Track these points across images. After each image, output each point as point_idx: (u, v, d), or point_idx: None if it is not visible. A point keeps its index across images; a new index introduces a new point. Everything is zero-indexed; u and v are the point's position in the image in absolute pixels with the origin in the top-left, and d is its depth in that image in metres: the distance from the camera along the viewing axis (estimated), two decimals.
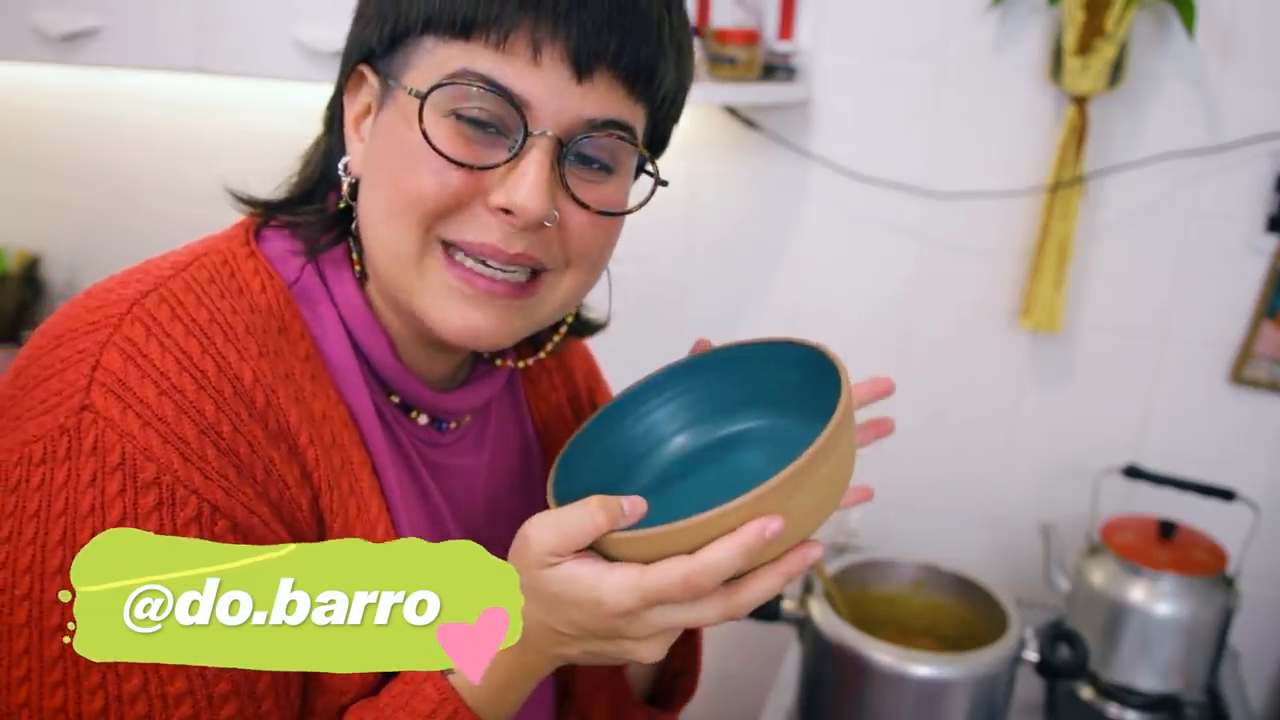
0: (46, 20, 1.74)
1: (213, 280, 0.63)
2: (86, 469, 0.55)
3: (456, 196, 0.61)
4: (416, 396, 0.71)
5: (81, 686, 0.55)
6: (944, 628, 1.38)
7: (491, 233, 0.62)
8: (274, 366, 0.61)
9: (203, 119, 2.07)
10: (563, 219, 0.63)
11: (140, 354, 0.58)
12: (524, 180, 0.60)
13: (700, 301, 1.84)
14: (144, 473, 0.55)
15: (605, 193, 0.65)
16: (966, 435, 1.73)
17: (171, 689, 0.56)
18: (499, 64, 0.60)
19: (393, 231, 0.63)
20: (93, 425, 0.55)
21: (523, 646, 0.62)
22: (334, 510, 0.63)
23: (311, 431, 0.62)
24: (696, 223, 1.80)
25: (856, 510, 1.76)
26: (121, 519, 0.55)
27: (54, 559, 0.54)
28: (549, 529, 0.60)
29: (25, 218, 2.31)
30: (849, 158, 1.67)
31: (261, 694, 0.59)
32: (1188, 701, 1.44)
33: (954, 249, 1.66)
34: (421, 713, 0.62)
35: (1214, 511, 1.49)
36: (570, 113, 0.61)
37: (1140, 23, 1.48)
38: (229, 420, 0.58)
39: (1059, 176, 1.53)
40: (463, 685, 0.63)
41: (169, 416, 0.56)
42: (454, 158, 0.60)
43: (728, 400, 0.73)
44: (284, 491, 0.60)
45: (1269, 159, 1.49)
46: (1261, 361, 1.55)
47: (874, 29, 1.62)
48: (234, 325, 0.61)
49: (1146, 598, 1.39)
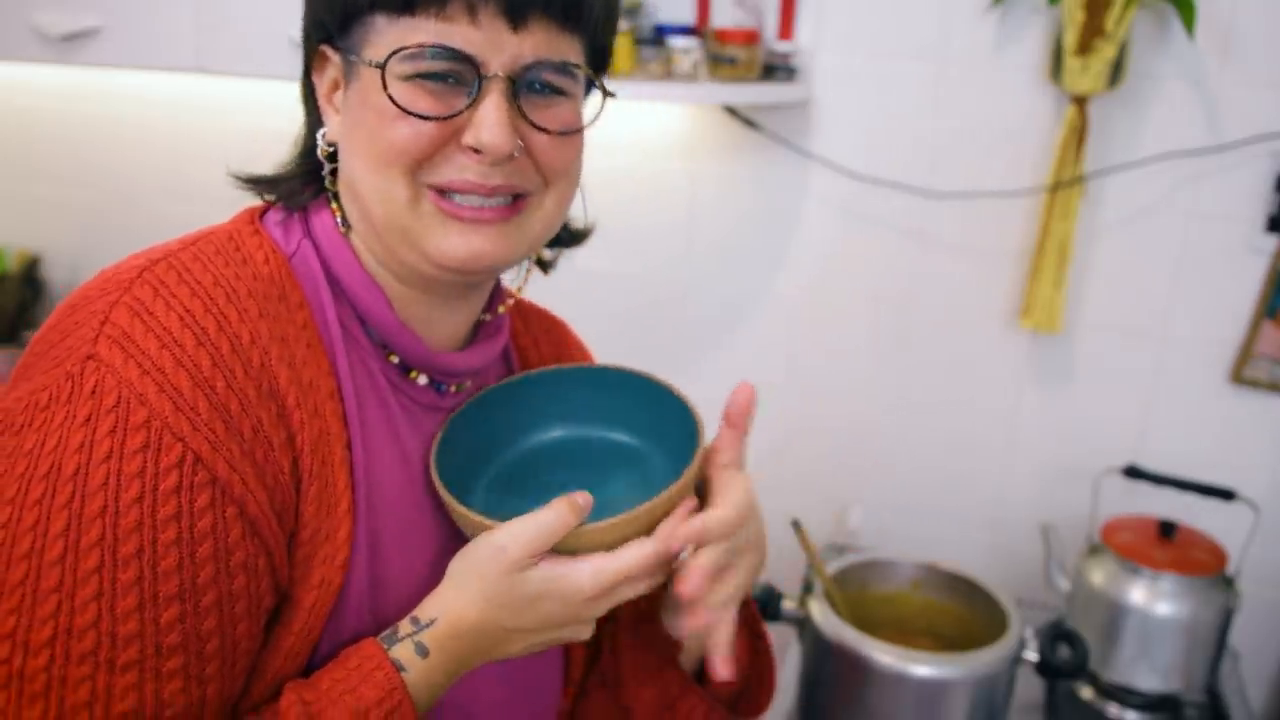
0: (46, 20, 1.74)
1: (219, 252, 0.67)
2: (83, 409, 0.58)
3: (433, 143, 0.67)
4: (414, 353, 0.74)
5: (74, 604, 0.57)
6: (944, 628, 1.38)
7: (469, 171, 0.68)
8: (271, 329, 0.65)
9: (203, 119, 2.08)
10: (529, 146, 0.69)
11: (146, 311, 0.61)
12: (486, 120, 0.66)
13: (700, 301, 1.84)
14: (135, 416, 0.58)
15: (560, 114, 0.70)
16: (966, 435, 1.73)
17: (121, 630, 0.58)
18: (444, 29, 0.65)
19: (382, 182, 0.68)
20: (94, 371, 0.59)
21: (470, 646, 0.68)
22: (310, 475, 0.65)
23: (299, 395, 0.65)
24: (696, 223, 1.80)
25: (856, 510, 1.77)
26: (107, 456, 0.58)
27: (36, 490, 0.58)
28: (526, 531, 0.66)
29: (25, 218, 2.31)
30: (849, 158, 1.67)
31: (208, 656, 0.61)
32: (1188, 701, 1.44)
33: (954, 249, 1.66)
34: (369, 699, 0.63)
35: (1214, 511, 1.49)
36: (514, 56, 0.67)
37: (1140, 23, 1.48)
38: (223, 377, 0.61)
39: (1059, 176, 1.53)
40: (411, 681, 0.65)
41: (167, 367, 0.60)
42: (421, 113, 0.66)
43: (607, 413, 0.82)
44: (269, 454, 0.63)
45: (1269, 159, 1.49)
46: (1261, 361, 1.55)
47: (874, 29, 1.62)
48: (236, 289, 0.65)
49: (1146, 598, 1.39)
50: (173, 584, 0.58)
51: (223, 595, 0.60)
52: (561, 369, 0.84)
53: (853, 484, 1.81)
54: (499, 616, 0.67)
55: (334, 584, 0.66)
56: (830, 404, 1.80)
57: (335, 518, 0.66)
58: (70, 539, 0.57)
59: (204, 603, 0.59)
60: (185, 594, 0.59)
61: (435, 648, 0.66)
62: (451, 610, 0.67)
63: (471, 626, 0.67)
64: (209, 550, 0.59)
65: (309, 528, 0.65)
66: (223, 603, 0.60)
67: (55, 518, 0.57)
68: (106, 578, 0.57)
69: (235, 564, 0.61)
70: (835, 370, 1.79)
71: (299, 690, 0.63)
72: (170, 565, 0.58)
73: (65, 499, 0.57)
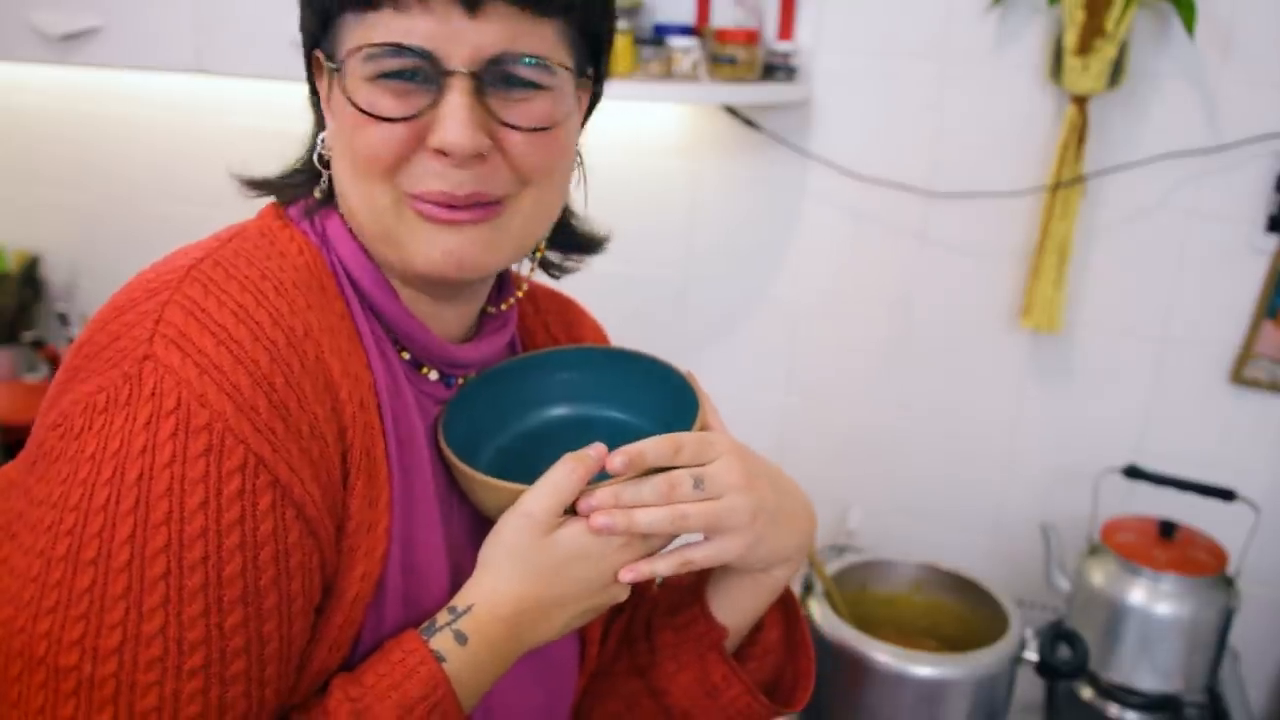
0: (46, 20, 1.74)
1: (257, 247, 0.66)
2: (144, 412, 0.58)
3: (405, 144, 0.65)
4: (426, 347, 0.74)
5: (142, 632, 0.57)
6: (944, 628, 1.38)
7: (439, 178, 0.65)
8: (320, 320, 0.65)
9: (203, 119, 2.07)
10: (502, 145, 0.66)
11: (199, 309, 0.61)
12: (446, 120, 0.63)
13: (700, 301, 1.84)
14: (197, 418, 0.58)
15: (535, 110, 0.66)
16: (966, 435, 1.73)
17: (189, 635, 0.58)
18: (400, 23, 0.63)
19: (364, 189, 0.67)
20: (153, 372, 0.58)
21: (511, 631, 0.67)
22: (359, 470, 0.65)
23: (350, 388, 0.65)
24: (696, 222, 1.80)
25: (856, 511, 1.77)
26: (170, 461, 0.57)
27: (100, 495, 0.57)
28: (545, 493, 0.66)
29: (25, 218, 2.31)
30: (849, 158, 1.67)
31: (267, 658, 0.61)
32: (1188, 701, 1.44)
33: (954, 249, 1.66)
34: (413, 695, 0.63)
35: (1214, 511, 1.49)
36: (475, 47, 0.63)
37: (1140, 23, 1.48)
38: (282, 372, 0.61)
39: (1059, 176, 1.53)
40: (452, 672, 0.65)
41: (225, 366, 0.59)
42: (382, 114, 0.64)
43: (610, 392, 0.83)
44: (324, 450, 0.62)
45: (1269, 159, 1.49)
46: (1261, 361, 1.55)
47: (874, 29, 1.62)
48: (283, 281, 0.64)
49: (1146, 598, 1.39)
50: (237, 589, 0.58)
51: (283, 597, 0.60)
52: (563, 349, 0.84)
53: (853, 485, 1.81)
54: (534, 588, 0.67)
55: (374, 576, 0.66)
56: (830, 404, 1.80)
57: (377, 510, 0.66)
58: (136, 545, 0.57)
59: (265, 606, 0.60)
60: (249, 598, 0.59)
61: (475, 634, 0.66)
62: (489, 593, 0.67)
63: (510, 605, 0.67)
64: (270, 554, 0.59)
65: (354, 520, 0.65)
66: (282, 605, 0.60)
67: (121, 524, 0.57)
68: (173, 584, 0.57)
69: (294, 566, 0.61)
70: (835, 370, 1.79)
71: (345, 687, 0.63)
72: (234, 570, 0.58)
73: (130, 505, 0.57)
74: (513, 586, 0.67)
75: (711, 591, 0.82)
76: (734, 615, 0.82)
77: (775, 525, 0.74)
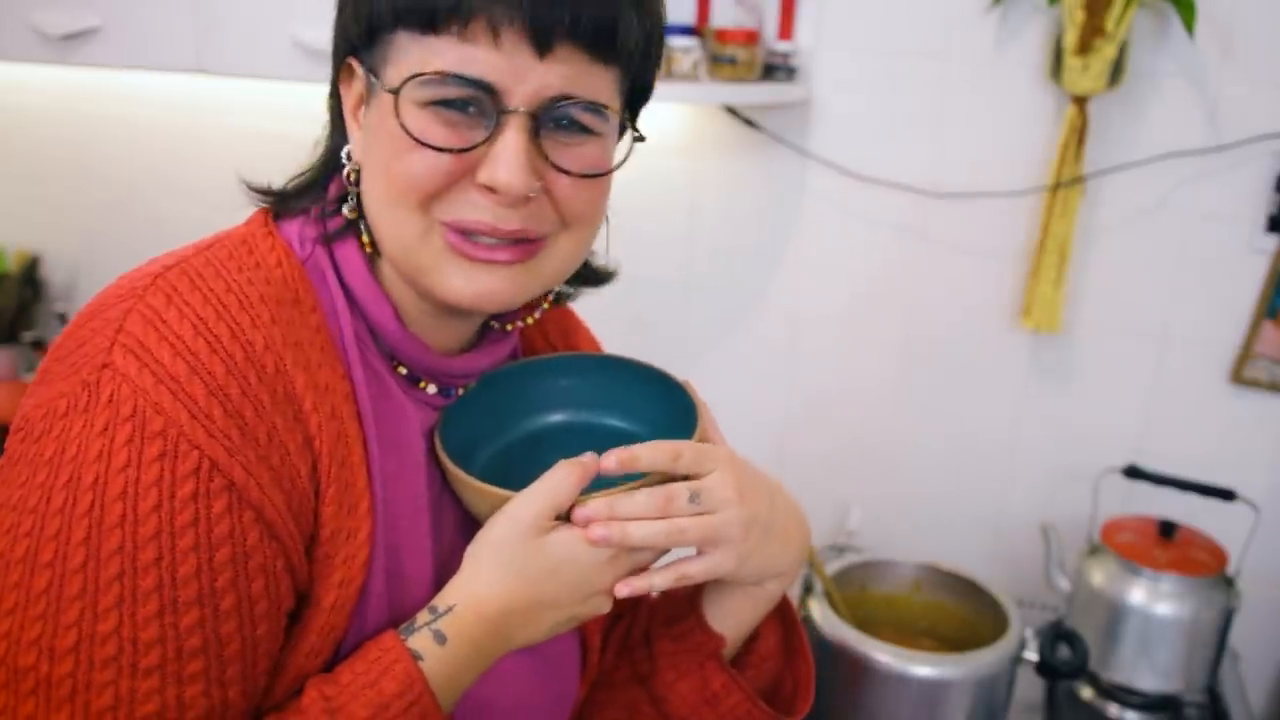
0: (46, 20, 1.74)
1: (231, 256, 0.67)
2: (100, 418, 0.59)
3: (449, 176, 0.65)
4: (422, 363, 0.74)
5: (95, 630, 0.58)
6: (944, 628, 1.38)
7: (483, 211, 0.65)
8: (285, 334, 0.64)
9: (203, 119, 2.08)
10: (549, 186, 0.66)
11: (160, 319, 0.61)
12: (501, 158, 0.63)
13: (700, 301, 1.84)
14: (152, 424, 0.59)
15: (586, 155, 0.67)
16: (966, 435, 1.73)
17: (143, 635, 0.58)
18: (465, 52, 0.62)
19: (395, 216, 0.67)
20: (110, 380, 0.59)
21: (495, 631, 0.67)
22: (329, 478, 0.65)
23: (315, 399, 0.65)
24: (696, 223, 1.80)
25: (856, 510, 1.77)
26: (125, 465, 0.58)
27: (58, 499, 0.58)
28: (537, 496, 0.66)
29: (25, 218, 2.32)
30: (849, 158, 1.67)
31: (228, 659, 0.61)
32: (1188, 701, 1.44)
33: (954, 249, 1.66)
34: (388, 693, 0.63)
35: (1214, 511, 1.49)
36: (538, 87, 0.63)
37: (1140, 22, 1.48)
38: (238, 383, 0.61)
39: (1059, 176, 1.53)
40: (430, 671, 0.65)
41: (181, 376, 0.60)
42: (435, 144, 0.64)
43: (609, 400, 0.83)
44: (285, 458, 0.63)
45: (1269, 159, 1.49)
46: (1261, 361, 1.55)
47: (874, 29, 1.62)
48: (249, 294, 0.64)
49: (1146, 598, 1.39)
50: (192, 589, 0.59)
51: (242, 598, 0.61)
52: (563, 355, 0.85)
53: (853, 485, 1.81)
54: (521, 591, 0.67)
55: (355, 583, 0.66)
56: (830, 403, 1.80)
57: (356, 518, 0.66)
58: (91, 547, 0.57)
59: (223, 606, 0.60)
60: (204, 599, 0.59)
61: (454, 634, 0.66)
62: (472, 593, 0.67)
63: (494, 607, 0.66)
64: (227, 555, 0.60)
65: (329, 527, 0.65)
66: (242, 606, 0.61)
67: (76, 526, 0.57)
68: (128, 585, 0.57)
69: (254, 567, 0.61)
70: (835, 370, 1.79)
71: (320, 686, 0.64)
72: (189, 571, 0.59)
73: (85, 507, 0.58)
74: (496, 589, 0.67)
75: (707, 602, 0.83)
76: (730, 625, 0.82)
77: (768, 540, 0.74)
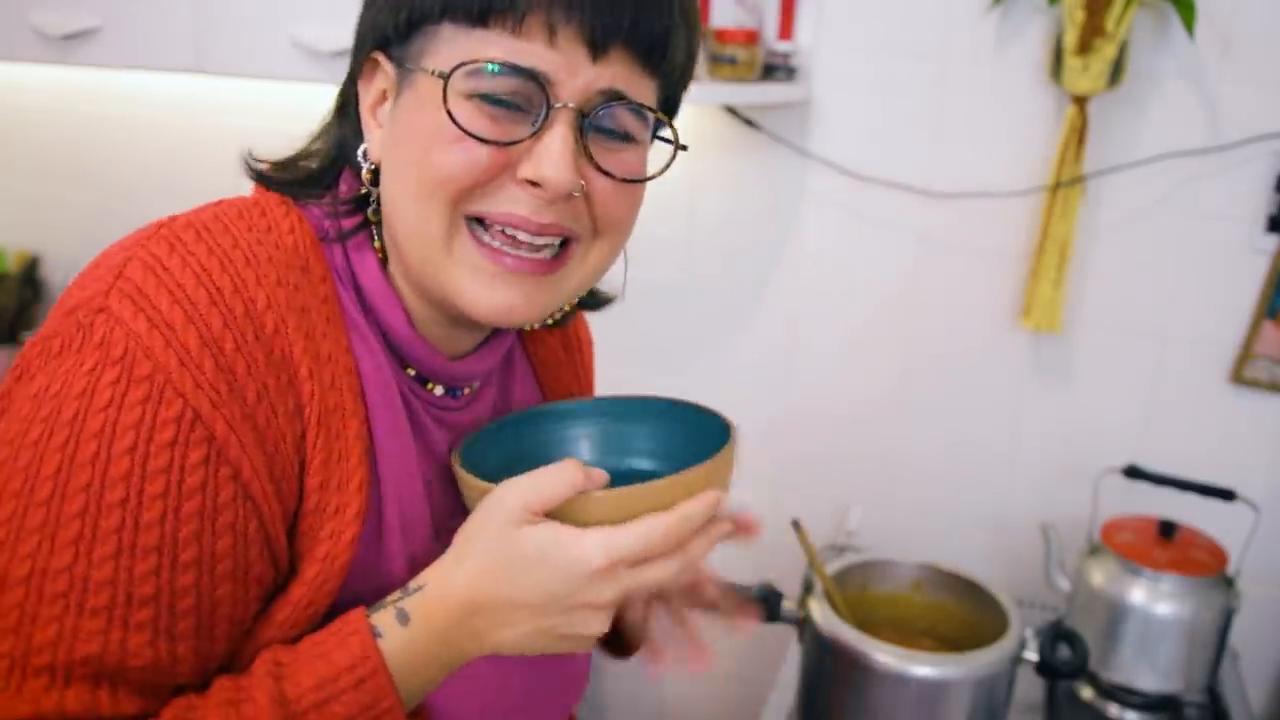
0: (46, 20, 1.74)
1: (241, 215, 0.66)
2: (90, 358, 0.59)
3: (487, 172, 0.63)
4: (431, 366, 0.73)
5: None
6: (944, 628, 1.38)
7: (520, 205, 0.64)
8: (290, 298, 0.64)
9: (202, 119, 2.07)
10: (588, 188, 0.66)
11: (161, 266, 0.61)
12: (549, 153, 0.62)
13: (700, 301, 1.84)
14: (140, 368, 0.58)
15: (627, 160, 0.67)
16: (966, 435, 1.73)
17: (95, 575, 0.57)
18: (517, 47, 0.62)
19: (421, 211, 0.65)
20: (104, 323, 0.59)
21: (460, 622, 0.64)
22: (316, 447, 0.64)
23: (313, 367, 0.64)
24: (696, 223, 1.80)
25: (856, 510, 1.77)
26: (106, 405, 0.58)
27: (35, 431, 0.58)
28: (525, 486, 0.63)
29: (25, 218, 2.32)
30: (849, 158, 1.67)
31: (181, 612, 0.60)
32: (1188, 701, 1.44)
33: (954, 249, 1.66)
34: (339, 665, 0.61)
35: (1214, 511, 1.49)
36: (588, 86, 0.63)
37: (1140, 22, 1.48)
38: (233, 337, 0.60)
39: (1059, 176, 1.53)
40: (389, 650, 0.63)
41: (176, 323, 0.59)
42: (481, 135, 0.62)
43: (635, 442, 0.81)
44: (271, 420, 0.62)
45: (1269, 159, 1.49)
46: (1261, 361, 1.55)
47: (874, 29, 1.62)
48: (256, 253, 0.63)
49: (1146, 598, 1.39)
50: (153, 536, 0.58)
51: (205, 554, 0.59)
52: (586, 400, 0.83)
53: (853, 484, 1.81)
54: (490, 580, 0.63)
55: (341, 559, 0.64)
56: (830, 403, 1.80)
57: (345, 493, 0.65)
58: (59, 481, 0.57)
59: (183, 558, 0.59)
60: (164, 547, 0.58)
61: (419, 616, 0.63)
62: (443, 575, 0.64)
63: (461, 594, 0.63)
64: (194, 507, 0.59)
65: (313, 499, 0.64)
66: (204, 561, 0.60)
67: (48, 459, 0.57)
68: (89, 522, 0.57)
69: (222, 524, 0.60)
70: (835, 370, 1.79)
71: (276, 652, 0.63)
72: (153, 517, 0.58)
73: (60, 442, 0.57)
74: (466, 574, 0.63)
75: None
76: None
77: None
